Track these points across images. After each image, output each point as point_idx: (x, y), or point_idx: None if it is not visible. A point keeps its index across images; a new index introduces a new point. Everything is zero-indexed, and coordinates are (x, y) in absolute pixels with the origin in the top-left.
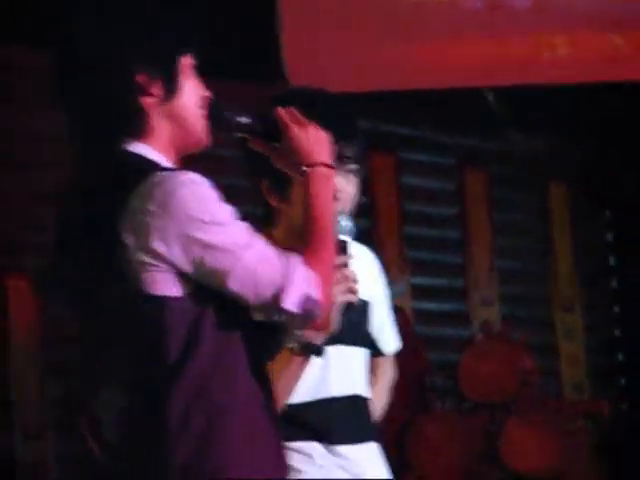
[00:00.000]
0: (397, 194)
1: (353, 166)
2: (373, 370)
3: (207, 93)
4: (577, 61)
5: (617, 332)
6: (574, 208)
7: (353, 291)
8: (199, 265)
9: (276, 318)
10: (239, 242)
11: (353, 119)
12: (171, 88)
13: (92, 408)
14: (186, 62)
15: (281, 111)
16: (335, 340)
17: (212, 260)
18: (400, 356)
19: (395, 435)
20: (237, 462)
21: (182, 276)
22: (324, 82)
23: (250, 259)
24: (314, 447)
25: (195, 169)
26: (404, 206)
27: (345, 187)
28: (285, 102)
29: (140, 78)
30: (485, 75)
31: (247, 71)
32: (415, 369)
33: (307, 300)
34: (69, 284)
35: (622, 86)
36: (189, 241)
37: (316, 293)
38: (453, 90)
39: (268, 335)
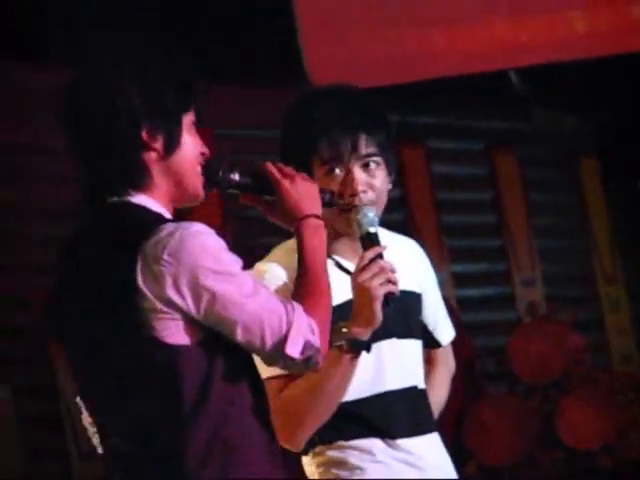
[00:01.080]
0: (429, 184)
1: (376, 159)
2: (430, 361)
3: (205, 149)
4: (595, 35)
5: None
6: (606, 181)
7: (392, 281)
8: (209, 314)
9: (280, 364)
10: (246, 292)
11: (378, 113)
12: (172, 145)
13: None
14: (187, 119)
15: (270, 166)
16: (387, 334)
17: (221, 309)
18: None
19: (452, 424)
20: None
21: (194, 324)
22: (346, 79)
23: (256, 309)
24: (374, 443)
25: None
26: (437, 195)
27: (367, 181)
28: (309, 103)
29: (144, 134)
30: (504, 58)
31: (269, 76)
32: (464, 356)
33: (308, 347)
34: (76, 333)
35: None
36: (200, 290)
37: (316, 340)
38: (474, 75)
39: None
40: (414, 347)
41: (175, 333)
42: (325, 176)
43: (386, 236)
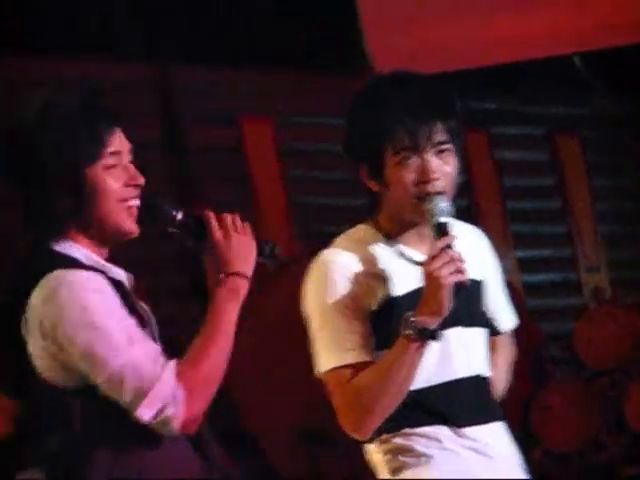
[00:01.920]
0: (493, 169)
1: (448, 146)
2: (492, 349)
3: (137, 180)
4: None
5: None
6: None
7: (461, 271)
8: (75, 363)
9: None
10: (111, 348)
11: (449, 100)
12: (80, 203)
13: None
14: (99, 167)
15: (210, 216)
16: (454, 322)
17: (86, 362)
18: (515, 331)
19: (518, 410)
20: None
21: (69, 368)
22: (409, 65)
23: (118, 365)
24: (441, 430)
25: None
26: (502, 181)
27: (441, 168)
28: (379, 92)
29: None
30: (569, 43)
31: (333, 63)
32: (530, 343)
33: (162, 413)
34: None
35: None
36: (67, 341)
37: (175, 408)
38: (535, 61)
39: None
40: (479, 335)
41: (57, 375)
42: (398, 164)
43: (452, 225)
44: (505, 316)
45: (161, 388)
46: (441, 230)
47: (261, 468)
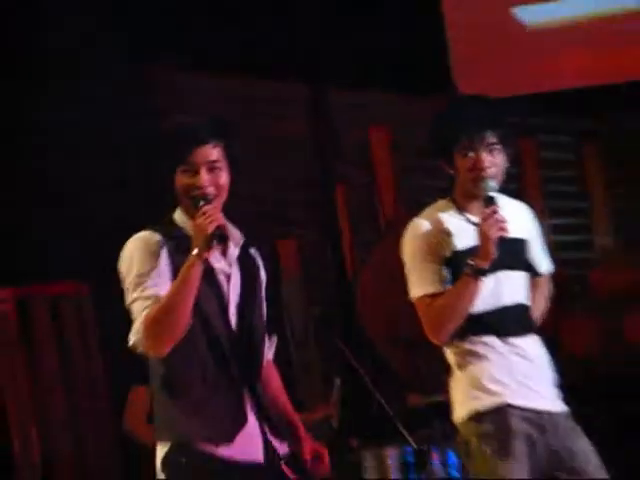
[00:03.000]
0: (537, 165)
1: (498, 146)
2: (534, 286)
3: (200, 182)
4: None
5: None
6: None
7: (504, 229)
8: None
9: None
10: (127, 299)
11: (500, 114)
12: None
13: None
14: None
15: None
16: (502, 267)
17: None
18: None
19: (550, 329)
20: None
21: None
22: (487, 89)
23: (130, 301)
24: (494, 340)
25: None
26: (542, 173)
27: (492, 160)
28: (453, 108)
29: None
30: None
31: (423, 84)
32: (559, 281)
33: (136, 338)
34: None
35: None
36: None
37: (138, 338)
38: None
39: None
40: (521, 276)
41: None
42: (462, 157)
43: (506, 201)
44: (544, 264)
45: (136, 321)
46: (490, 201)
47: (376, 365)
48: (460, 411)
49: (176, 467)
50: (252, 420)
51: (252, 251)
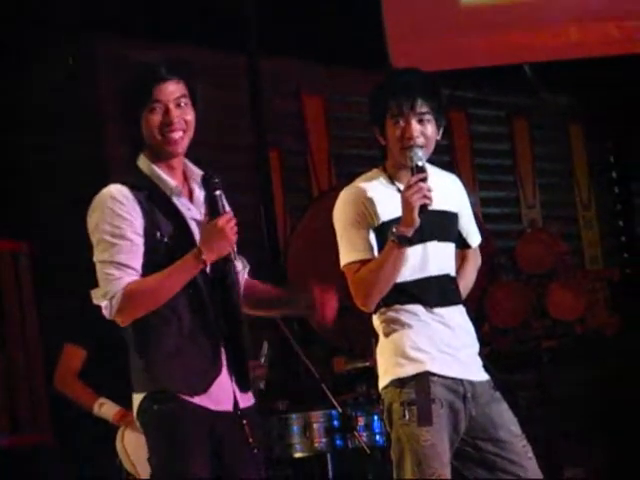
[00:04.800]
0: (468, 138)
1: (428, 116)
2: (464, 258)
3: (171, 118)
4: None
5: (620, 223)
6: (588, 141)
7: (427, 197)
8: None
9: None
10: (98, 256)
11: (432, 85)
12: (135, 129)
13: None
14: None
15: (225, 212)
16: (430, 237)
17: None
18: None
19: (475, 299)
20: None
21: None
22: (421, 63)
23: (100, 260)
24: (418, 308)
25: None
26: (473, 145)
27: (422, 130)
28: (387, 79)
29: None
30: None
31: (359, 58)
32: (486, 253)
33: (105, 300)
34: None
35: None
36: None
37: (111, 303)
38: (509, 65)
39: None
40: (449, 248)
41: None
42: (393, 126)
43: (436, 172)
44: (474, 236)
45: (109, 286)
46: (417, 170)
47: (304, 330)
48: (384, 377)
49: (150, 414)
50: (224, 371)
51: (217, 193)
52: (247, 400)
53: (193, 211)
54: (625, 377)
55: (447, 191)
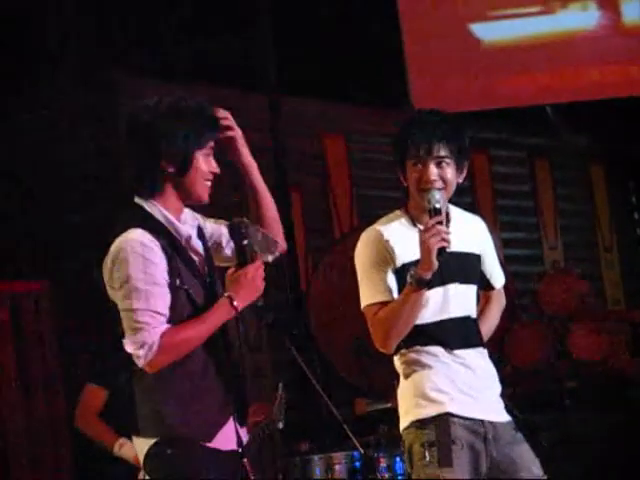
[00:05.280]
0: (490, 179)
1: (447, 160)
2: (487, 299)
3: (215, 169)
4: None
5: None
6: (610, 182)
7: (445, 240)
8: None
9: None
10: (131, 304)
11: (453, 128)
12: (183, 169)
13: None
14: (202, 152)
15: (255, 261)
16: (452, 279)
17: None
18: None
19: (497, 340)
20: None
21: None
22: (442, 104)
23: (130, 307)
24: (439, 350)
25: None
26: (495, 186)
27: (440, 173)
28: (409, 121)
29: (163, 163)
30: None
31: (380, 98)
32: (507, 294)
33: (138, 350)
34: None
35: None
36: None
37: (145, 353)
38: (531, 106)
39: None
40: (470, 290)
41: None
42: (412, 168)
43: (459, 213)
44: (498, 277)
45: (146, 335)
46: (435, 212)
47: (327, 372)
48: (404, 419)
49: (161, 458)
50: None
51: (245, 242)
52: (244, 434)
53: (200, 258)
54: None
55: (470, 233)
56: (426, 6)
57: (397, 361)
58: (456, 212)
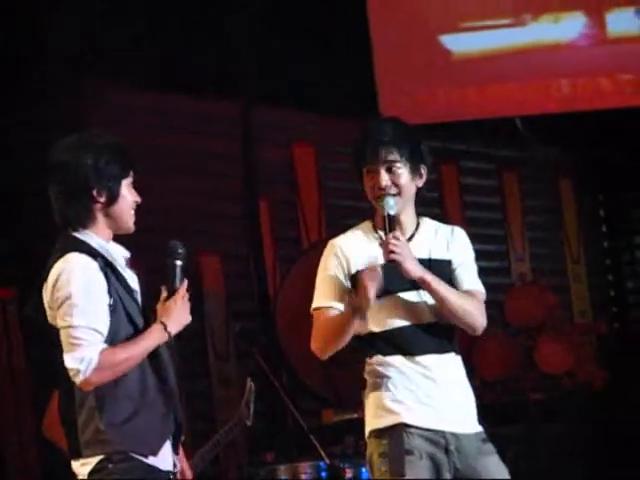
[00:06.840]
0: (459, 190)
1: (398, 164)
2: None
3: (137, 199)
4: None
5: (609, 277)
6: (578, 195)
7: (395, 252)
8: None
9: None
10: (71, 321)
11: (405, 134)
12: (113, 198)
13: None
14: (126, 182)
15: (183, 285)
16: (412, 287)
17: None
18: None
19: (464, 350)
20: None
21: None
22: (411, 115)
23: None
24: (399, 359)
25: None
26: (464, 198)
27: (392, 178)
28: (365, 129)
29: (94, 192)
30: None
31: (351, 108)
32: None
33: (76, 366)
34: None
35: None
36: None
37: (84, 369)
38: (501, 118)
39: None
40: (428, 297)
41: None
42: (366, 176)
43: (432, 224)
44: (464, 282)
45: (85, 351)
46: (389, 219)
47: (294, 381)
48: (366, 428)
49: (104, 473)
50: None
51: (178, 263)
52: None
53: (135, 283)
54: (612, 431)
55: (439, 240)
56: (396, 17)
57: (365, 371)
58: (430, 224)
